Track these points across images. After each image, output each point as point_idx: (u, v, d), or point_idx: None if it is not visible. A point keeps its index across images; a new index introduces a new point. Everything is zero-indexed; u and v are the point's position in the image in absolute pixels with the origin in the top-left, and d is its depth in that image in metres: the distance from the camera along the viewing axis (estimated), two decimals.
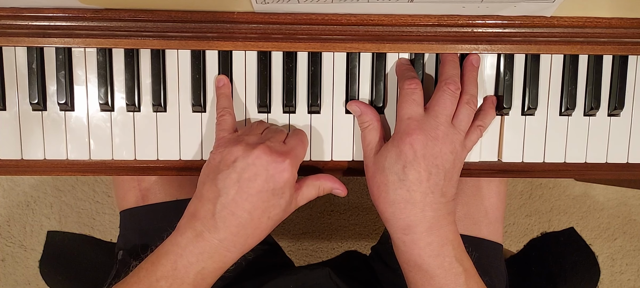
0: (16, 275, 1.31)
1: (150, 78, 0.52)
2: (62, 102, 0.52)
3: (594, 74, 0.54)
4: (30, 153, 0.53)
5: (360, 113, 0.52)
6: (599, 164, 0.56)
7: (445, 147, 0.48)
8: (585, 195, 1.37)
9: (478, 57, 0.53)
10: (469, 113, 0.50)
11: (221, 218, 0.45)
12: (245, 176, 0.45)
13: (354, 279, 0.66)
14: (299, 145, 0.49)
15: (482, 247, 0.66)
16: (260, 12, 0.51)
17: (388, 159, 0.48)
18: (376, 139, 0.51)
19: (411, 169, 0.47)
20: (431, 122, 0.48)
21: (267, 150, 0.46)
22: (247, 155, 0.45)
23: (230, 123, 0.51)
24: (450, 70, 0.51)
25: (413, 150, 0.47)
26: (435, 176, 0.47)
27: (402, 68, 0.53)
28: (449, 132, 0.48)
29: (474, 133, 0.51)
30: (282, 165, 0.46)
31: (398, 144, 0.48)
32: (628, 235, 1.39)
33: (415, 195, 0.47)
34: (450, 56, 0.52)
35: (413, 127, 0.48)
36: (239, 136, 0.48)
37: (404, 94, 0.50)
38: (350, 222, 1.34)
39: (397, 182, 0.47)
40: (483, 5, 0.50)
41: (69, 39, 0.51)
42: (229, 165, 0.46)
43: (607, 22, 0.53)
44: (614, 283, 1.40)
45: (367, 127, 0.52)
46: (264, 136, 0.48)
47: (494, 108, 0.54)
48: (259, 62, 0.53)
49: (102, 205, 1.31)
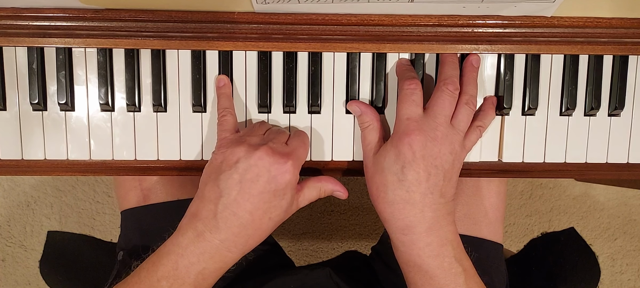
0: (16, 275, 1.31)
1: (150, 78, 0.52)
2: (62, 102, 0.52)
3: (595, 74, 0.54)
4: (31, 154, 0.53)
5: (360, 113, 0.52)
6: (599, 164, 0.56)
7: (444, 147, 0.48)
8: (586, 195, 1.37)
9: (478, 58, 0.53)
10: (468, 113, 0.50)
11: (223, 219, 0.45)
12: (248, 177, 0.45)
13: (354, 279, 0.66)
14: (301, 146, 0.49)
15: (482, 247, 0.66)
16: (261, 12, 0.51)
17: (387, 159, 0.48)
18: (376, 139, 0.51)
19: (410, 170, 0.47)
20: (430, 122, 0.48)
21: (269, 151, 0.46)
22: (249, 156, 0.45)
23: (232, 123, 0.51)
24: (449, 70, 0.51)
25: (412, 150, 0.47)
26: (434, 176, 0.47)
27: (402, 68, 0.53)
28: (448, 132, 0.48)
29: (474, 133, 0.51)
30: (284, 166, 0.46)
31: (397, 144, 0.48)
32: (628, 235, 1.39)
33: (414, 195, 0.47)
34: (449, 57, 0.52)
35: (412, 127, 0.48)
36: (241, 137, 0.48)
37: (404, 94, 0.50)
38: (350, 222, 1.34)
39: (396, 182, 0.47)
40: (483, 5, 0.50)
41: (69, 39, 0.51)
42: (231, 165, 0.46)
43: (608, 22, 0.53)
44: (614, 283, 1.40)
45: (367, 127, 0.52)
46: (267, 137, 0.48)
47: (493, 108, 0.54)
48: (260, 62, 0.53)
49: (103, 205, 1.31)
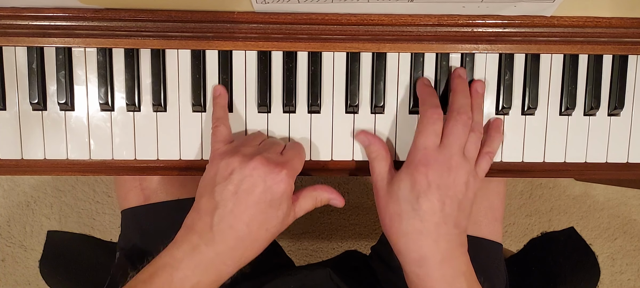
0: (16, 275, 1.31)
1: (150, 78, 0.52)
2: (62, 101, 0.52)
3: (594, 73, 0.54)
4: (31, 153, 0.53)
5: (367, 144, 0.52)
6: (599, 164, 0.56)
7: (459, 177, 0.48)
8: (585, 195, 1.37)
9: (483, 84, 0.53)
10: (476, 141, 0.50)
11: (219, 231, 0.45)
12: (243, 188, 0.45)
13: (354, 279, 0.66)
14: (296, 157, 0.49)
15: (482, 247, 0.66)
16: (260, 11, 0.51)
17: (402, 188, 0.48)
18: (386, 169, 0.51)
19: (425, 199, 0.47)
20: (445, 152, 0.48)
21: (264, 160, 0.45)
22: (243, 167, 0.45)
23: (225, 134, 0.50)
24: (461, 99, 0.50)
25: (427, 180, 0.47)
26: (448, 206, 0.47)
27: (425, 91, 0.52)
28: (462, 162, 0.48)
29: (484, 160, 0.51)
30: (279, 175, 0.45)
31: (412, 172, 0.48)
32: (628, 235, 1.39)
33: (428, 225, 0.47)
34: (460, 85, 0.52)
35: (429, 157, 0.48)
36: (235, 147, 0.48)
37: (425, 122, 0.49)
38: (350, 222, 1.34)
39: (410, 211, 0.47)
40: (483, 5, 0.50)
41: (69, 38, 0.51)
42: (226, 177, 0.45)
43: (607, 21, 0.53)
44: (614, 283, 1.40)
45: (375, 158, 0.52)
46: (261, 147, 0.48)
47: (500, 131, 0.54)
48: (259, 62, 0.53)
49: (102, 205, 1.31)
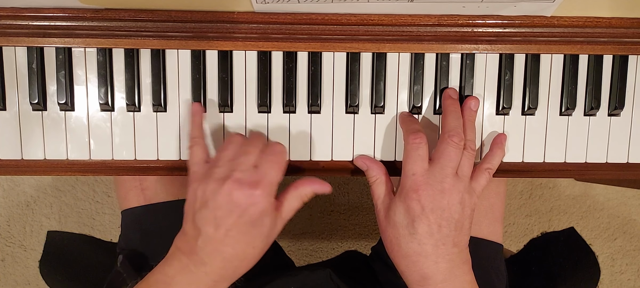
0: (16, 275, 1.31)
1: (150, 78, 0.52)
2: (62, 102, 0.52)
3: (594, 73, 0.54)
4: (30, 153, 0.53)
5: (366, 168, 0.53)
6: (599, 164, 0.56)
7: (452, 198, 0.48)
8: (585, 195, 1.37)
9: (477, 101, 0.53)
10: (469, 159, 0.50)
11: (206, 255, 0.45)
12: (219, 214, 0.45)
13: (354, 279, 0.66)
14: (272, 168, 0.46)
15: (482, 247, 0.66)
16: (260, 12, 0.51)
17: (397, 214, 0.49)
18: (384, 193, 0.52)
19: (420, 223, 0.47)
20: (437, 175, 0.48)
21: (236, 185, 0.44)
22: (217, 193, 0.45)
23: (200, 155, 0.50)
24: (452, 121, 0.50)
25: (420, 205, 0.47)
26: (445, 228, 0.48)
27: (405, 120, 0.53)
28: (455, 183, 0.48)
29: (482, 176, 0.51)
30: (253, 197, 0.45)
31: (405, 199, 0.48)
32: (628, 235, 1.39)
33: (426, 247, 0.48)
34: (451, 105, 0.52)
35: (418, 182, 0.48)
36: (209, 170, 0.47)
37: (409, 149, 0.49)
38: (350, 222, 1.34)
39: (407, 235, 0.48)
40: (483, 5, 0.50)
41: (69, 38, 0.51)
42: (203, 204, 0.45)
43: (607, 21, 0.53)
44: (614, 283, 1.40)
45: (375, 182, 0.52)
46: (234, 164, 0.46)
47: (502, 147, 0.54)
48: (259, 62, 0.53)
49: (102, 205, 1.31)
